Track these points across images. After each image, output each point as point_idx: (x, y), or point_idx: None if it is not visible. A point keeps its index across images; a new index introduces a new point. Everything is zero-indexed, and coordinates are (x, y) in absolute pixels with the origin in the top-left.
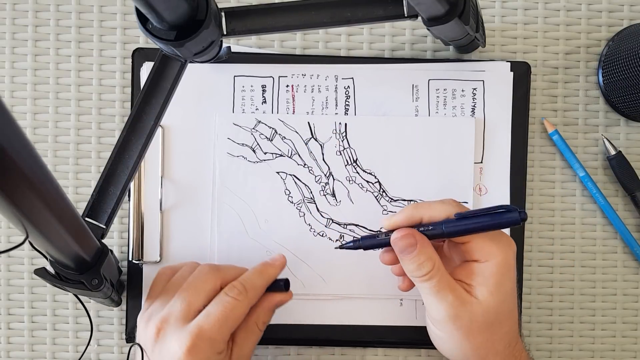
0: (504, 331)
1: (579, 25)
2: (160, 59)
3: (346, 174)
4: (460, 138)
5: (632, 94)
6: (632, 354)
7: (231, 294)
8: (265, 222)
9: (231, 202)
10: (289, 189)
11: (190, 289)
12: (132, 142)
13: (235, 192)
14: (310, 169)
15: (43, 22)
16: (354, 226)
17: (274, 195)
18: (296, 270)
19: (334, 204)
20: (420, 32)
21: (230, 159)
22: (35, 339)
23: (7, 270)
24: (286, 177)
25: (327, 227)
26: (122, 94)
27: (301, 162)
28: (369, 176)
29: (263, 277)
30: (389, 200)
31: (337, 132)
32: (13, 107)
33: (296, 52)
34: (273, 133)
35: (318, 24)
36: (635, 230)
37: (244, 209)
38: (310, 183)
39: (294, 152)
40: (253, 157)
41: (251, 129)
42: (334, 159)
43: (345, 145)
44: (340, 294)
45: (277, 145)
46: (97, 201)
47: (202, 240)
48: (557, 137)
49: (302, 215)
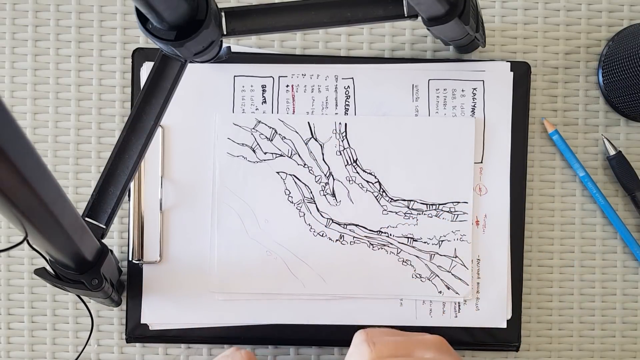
0: None
1: (579, 25)
2: (160, 59)
3: (346, 174)
4: (460, 138)
5: (632, 94)
6: (632, 354)
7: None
8: (265, 222)
9: (231, 202)
10: (289, 189)
11: None
12: (132, 142)
13: (235, 192)
14: (310, 169)
15: (43, 22)
16: (354, 226)
17: (274, 195)
18: (296, 270)
19: (334, 204)
20: (420, 32)
21: (230, 159)
22: (35, 339)
23: (7, 270)
24: (286, 177)
25: (327, 227)
26: (122, 94)
27: (301, 162)
28: (369, 176)
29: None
30: (389, 200)
31: (337, 132)
32: (13, 107)
33: (296, 52)
34: (273, 133)
35: (318, 24)
36: (635, 230)
37: (244, 209)
38: (310, 183)
39: (294, 152)
40: (253, 157)
41: (251, 129)
42: (334, 159)
43: (345, 145)
44: (340, 293)
45: (277, 145)
46: (97, 201)
47: (202, 240)
48: (557, 137)
49: (302, 215)
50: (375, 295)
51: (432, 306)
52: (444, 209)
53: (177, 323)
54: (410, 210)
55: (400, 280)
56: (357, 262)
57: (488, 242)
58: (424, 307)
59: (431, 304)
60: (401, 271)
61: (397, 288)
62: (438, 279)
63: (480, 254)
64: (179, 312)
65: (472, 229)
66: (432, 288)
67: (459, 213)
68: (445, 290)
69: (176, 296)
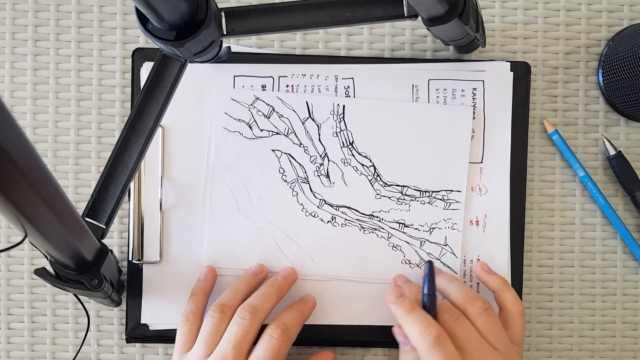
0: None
1: (579, 25)
2: (160, 59)
3: (341, 156)
4: (456, 126)
5: (632, 94)
6: (632, 354)
7: (275, 335)
8: (257, 199)
9: (225, 177)
10: (284, 168)
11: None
12: (132, 142)
13: (230, 167)
14: (305, 149)
15: (43, 22)
16: (346, 208)
17: (268, 173)
18: (285, 249)
19: (327, 185)
20: (420, 32)
21: (227, 134)
22: (35, 339)
23: (7, 270)
24: (281, 156)
25: (319, 208)
26: (122, 94)
27: (297, 141)
28: (364, 159)
29: (303, 317)
30: (383, 184)
31: (335, 113)
32: (13, 107)
33: (296, 52)
34: (271, 110)
35: (318, 24)
36: (635, 230)
37: (237, 185)
38: (305, 163)
39: (290, 131)
40: (249, 133)
41: (249, 105)
42: (330, 140)
43: (342, 127)
44: (328, 275)
45: (274, 123)
46: (97, 201)
47: (202, 240)
48: (557, 137)
49: (295, 194)
50: (363, 279)
51: None
52: (437, 197)
53: (177, 323)
54: (403, 196)
55: (389, 265)
56: (347, 245)
57: (488, 242)
58: None
59: None
60: (391, 256)
61: (385, 273)
62: None
63: (480, 254)
64: (179, 312)
65: (464, 219)
66: (420, 274)
67: (452, 201)
68: None
69: (176, 296)
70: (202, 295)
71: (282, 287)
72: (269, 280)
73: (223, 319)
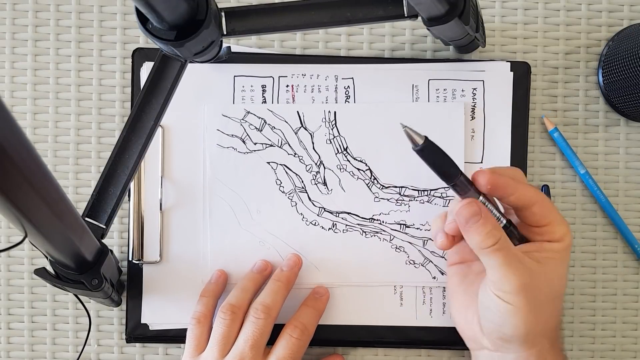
0: (559, 309)
1: (579, 25)
2: (160, 59)
3: (337, 162)
4: (450, 123)
5: (632, 94)
6: (632, 354)
7: (295, 335)
8: (257, 212)
9: (222, 193)
10: (280, 179)
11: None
12: (132, 142)
13: (227, 183)
14: (300, 158)
15: (43, 22)
16: (346, 214)
17: (265, 186)
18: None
19: (325, 193)
20: (420, 32)
21: (220, 150)
22: (35, 339)
23: (7, 270)
24: (277, 167)
25: (319, 216)
26: (122, 94)
27: (291, 151)
28: (359, 164)
29: (319, 314)
30: (381, 187)
31: (327, 120)
32: (13, 107)
33: (296, 52)
34: (262, 123)
35: (318, 24)
36: (635, 230)
37: (236, 200)
38: (301, 172)
39: (283, 142)
40: (243, 148)
41: (240, 119)
42: (324, 147)
43: (335, 134)
44: (334, 282)
45: (267, 136)
46: (97, 201)
47: (202, 240)
48: (557, 134)
49: (294, 204)
50: (369, 283)
51: (432, 306)
52: (436, 195)
53: (177, 323)
54: (401, 197)
55: (394, 267)
56: (350, 250)
57: None
58: (424, 307)
59: (431, 304)
60: (395, 258)
61: (391, 275)
62: (432, 264)
63: None
64: (179, 312)
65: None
66: (426, 274)
67: (451, 198)
68: (439, 275)
69: (176, 296)
70: (212, 298)
71: (290, 279)
72: (275, 273)
73: (235, 319)
